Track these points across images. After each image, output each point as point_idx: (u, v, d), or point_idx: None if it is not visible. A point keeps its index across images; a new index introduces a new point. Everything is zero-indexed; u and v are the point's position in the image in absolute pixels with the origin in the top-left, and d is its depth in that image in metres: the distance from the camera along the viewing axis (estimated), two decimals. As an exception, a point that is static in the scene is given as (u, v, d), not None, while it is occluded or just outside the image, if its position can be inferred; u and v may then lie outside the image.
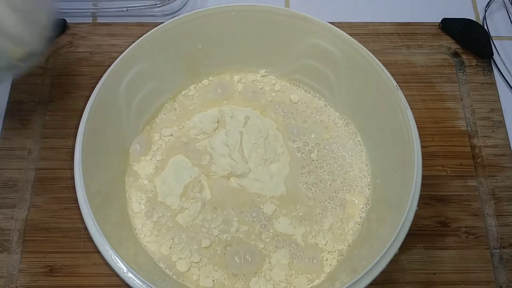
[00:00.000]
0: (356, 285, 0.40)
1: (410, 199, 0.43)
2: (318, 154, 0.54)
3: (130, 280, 0.40)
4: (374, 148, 0.53)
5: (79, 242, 0.51)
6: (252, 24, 0.53)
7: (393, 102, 0.47)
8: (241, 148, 0.53)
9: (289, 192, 0.52)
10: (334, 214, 0.51)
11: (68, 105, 0.58)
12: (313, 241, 0.50)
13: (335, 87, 0.54)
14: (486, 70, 0.61)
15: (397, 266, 0.51)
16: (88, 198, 0.43)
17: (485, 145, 0.57)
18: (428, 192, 0.54)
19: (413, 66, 0.61)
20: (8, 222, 0.52)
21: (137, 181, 0.52)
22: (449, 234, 0.53)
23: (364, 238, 0.48)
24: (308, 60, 0.54)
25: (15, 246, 0.51)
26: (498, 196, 0.55)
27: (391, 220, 0.44)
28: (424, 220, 0.53)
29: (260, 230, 0.50)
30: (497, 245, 0.52)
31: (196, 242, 0.49)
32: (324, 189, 0.52)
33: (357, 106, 0.53)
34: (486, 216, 0.54)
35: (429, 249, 0.52)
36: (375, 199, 0.51)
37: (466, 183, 0.55)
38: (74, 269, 0.50)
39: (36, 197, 0.53)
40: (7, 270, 0.50)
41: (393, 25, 0.64)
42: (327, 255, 0.49)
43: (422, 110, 0.58)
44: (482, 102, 0.60)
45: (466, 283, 0.51)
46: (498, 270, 0.51)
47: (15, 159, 0.55)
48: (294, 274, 0.48)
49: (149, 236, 0.50)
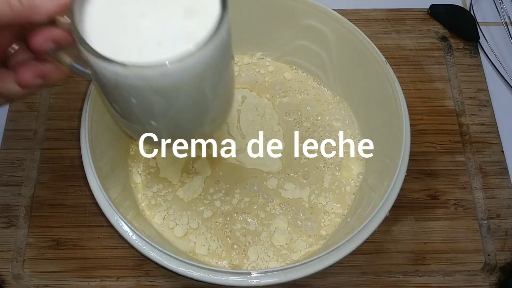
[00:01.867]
0: (349, 244, 0.42)
1: (400, 162, 0.45)
2: (312, 128, 0.56)
3: (135, 242, 0.42)
4: (366, 120, 0.55)
5: (84, 217, 0.53)
6: (247, 7, 0.55)
7: (382, 76, 0.49)
8: (239, 125, 0.55)
9: (284, 167, 0.54)
10: (330, 181, 0.54)
11: (71, 89, 0.60)
12: (316, 201, 0.53)
13: (327, 67, 0.56)
14: (473, 53, 0.64)
15: (389, 237, 0.53)
16: (96, 170, 0.45)
17: (472, 123, 0.60)
18: (418, 167, 0.56)
19: (402, 50, 0.64)
20: (16, 199, 0.54)
21: (139, 157, 0.54)
22: (438, 206, 0.55)
23: (358, 205, 0.51)
24: (302, 41, 0.56)
25: (22, 221, 0.53)
26: (485, 171, 0.57)
27: (387, 180, 0.46)
28: (415, 194, 0.55)
29: (263, 201, 0.53)
30: (484, 216, 0.55)
31: (197, 213, 0.52)
32: (320, 160, 0.55)
33: (349, 83, 0.56)
34: (474, 189, 0.56)
35: (420, 221, 0.54)
36: (367, 169, 0.54)
37: (454, 158, 0.58)
38: (79, 242, 0.52)
39: (41, 175, 0.56)
40: (15, 244, 0.52)
41: (383, 11, 0.66)
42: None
43: (412, 90, 0.61)
44: (469, 83, 0.62)
45: (456, 252, 0.53)
46: (486, 239, 0.54)
47: (21, 139, 0.57)
48: (293, 238, 0.51)
49: (148, 206, 0.52)
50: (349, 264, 0.52)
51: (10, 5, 0.31)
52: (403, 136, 0.46)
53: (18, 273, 0.51)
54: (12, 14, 0.31)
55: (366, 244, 0.44)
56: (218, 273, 0.42)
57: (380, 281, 0.51)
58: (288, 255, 0.50)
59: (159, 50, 0.34)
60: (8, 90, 0.35)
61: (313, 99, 0.58)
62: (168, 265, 0.42)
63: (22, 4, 0.31)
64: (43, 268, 0.51)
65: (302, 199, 0.53)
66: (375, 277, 0.52)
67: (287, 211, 0.52)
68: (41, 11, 0.32)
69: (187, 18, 0.35)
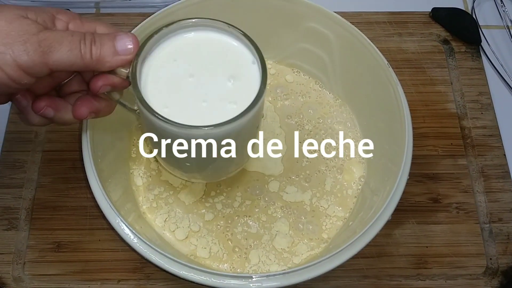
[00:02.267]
0: (350, 248, 0.42)
1: (403, 165, 0.45)
2: (314, 130, 0.56)
3: (136, 245, 0.42)
4: (368, 123, 0.55)
5: (85, 220, 0.53)
6: (250, 11, 0.55)
7: (384, 80, 0.49)
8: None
9: (286, 171, 0.54)
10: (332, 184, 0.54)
11: (73, 91, 0.60)
12: (317, 204, 0.52)
13: (329, 69, 0.56)
14: (475, 56, 0.64)
15: (391, 240, 0.53)
16: (97, 172, 0.45)
17: (474, 126, 0.60)
18: (420, 170, 0.56)
19: (404, 53, 0.64)
20: (16, 201, 0.54)
21: (141, 159, 0.54)
22: (440, 210, 0.55)
23: (360, 209, 0.51)
24: (304, 44, 0.56)
25: (23, 223, 0.53)
26: (487, 174, 0.57)
27: (389, 184, 0.46)
28: (417, 197, 0.55)
29: (264, 204, 0.52)
30: (486, 220, 0.55)
31: (199, 216, 0.52)
32: (321, 163, 0.55)
33: (350, 86, 0.56)
34: (476, 193, 0.56)
35: (422, 224, 0.54)
36: (369, 172, 0.53)
37: (456, 162, 0.57)
38: (80, 245, 0.52)
39: (42, 178, 0.55)
40: (16, 247, 0.52)
41: (385, 14, 0.66)
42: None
43: (414, 93, 0.61)
44: (471, 86, 0.62)
45: (458, 256, 0.53)
46: (488, 243, 0.54)
47: (22, 142, 0.57)
48: (295, 241, 0.51)
49: (149, 209, 0.52)
50: (350, 267, 0.51)
51: (81, 58, 0.35)
52: (405, 139, 0.46)
53: (18, 276, 0.51)
54: (81, 64, 0.36)
55: (368, 248, 0.43)
56: (220, 277, 0.41)
57: (382, 285, 0.51)
58: (290, 258, 0.50)
59: (202, 105, 0.40)
60: (61, 119, 0.39)
61: (314, 102, 0.58)
62: (169, 268, 0.42)
63: (92, 58, 0.36)
64: (44, 270, 0.51)
65: (304, 202, 0.53)
66: (377, 280, 0.51)
67: (288, 214, 0.52)
68: (106, 65, 0.37)
69: (230, 81, 0.41)
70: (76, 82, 0.41)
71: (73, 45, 0.35)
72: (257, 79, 0.40)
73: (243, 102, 0.39)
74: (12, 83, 0.34)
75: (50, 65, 0.34)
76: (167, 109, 0.39)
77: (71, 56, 0.35)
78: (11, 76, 0.34)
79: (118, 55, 0.37)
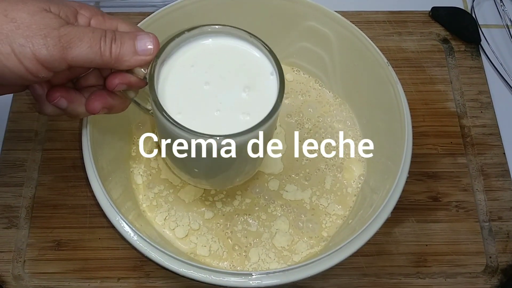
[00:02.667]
0: (350, 246, 0.42)
1: (402, 163, 0.45)
2: (314, 129, 0.56)
3: (136, 243, 0.42)
4: (367, 122, 0.55)
5: (85, 218, 0.53)
6: (250, 10, 0.55)
7: (384, 79, 0.49)
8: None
9: (286, 169, 0.54)
10: (332, 183, 0.54)
11: (73, 90, 0.60)
12: (317, 202, 0.52)
13: (329, 68, 0.56)
14: (474, 55, 0.64)
15: (390, 238, 0.53)
16: (97, 170, 0.45)
17: (474, 125, 0.60)
18: (420, 169, 0.56)
19: (404, 52, 0.64)
20: (16, 200, 0.54)
21: (141, 158, 0.54)
22: (440, 208, 0.55)
23: (359, 207, 0.51)
24: (304, 43, 0.56)
25: (23, 222, 0.53)
26: (486, 173, 0.57)
27: (389, 182, 0.46)
28: (416, 195, 0.55)
29: (264, 203, 0.52)
30: (486, 218, 0.55)
31: (199, 214, 0.52)
32: (321, 161, 0.55)
33: (350, 85, 0.56)
34: (476, 191, 0.56)
35: (421, 222, 0.54)
36: (369, 170, 0.53)
37: (456, 160, 0.58)
38: (80, 243, 0.52)
39: (43, 176, 0.55)
40: (16, 245, 0.52)
41: (385, 13, 0.66)
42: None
43: (414, 92, 0.61)
44: (470, 85, 0.62)
45: (458, 254, 0.53)
46: (487, 241, 0.54)
47: (22, 140, 0.57)
48: (295, 239, 0.51)
49: (149, 207, 0.52)
50: (350, 265, 0.52)
51: (101, 55, 0.35)
52: (405, 138, 0.46)
53: (18, 274, 0.51)
54: (100, 62, 0.35)
55: (368, 246, 0.44)
56: (219, 274, 0.41)
57: (381, 283, 0.51)
58: (289, 256, 0.50)
59: (215, 114, 0.40)
60: (74, 111, 0.39)
61: (314, 100, 0.58)
62: (169, 266, 0.42)
63: (111, 56, 0.36)
64: (44, 269, 0.51)
65: (304, 201, 0.53)
66: (376, 279, 0.51)
67: (288, 213, 0.52)
68: (125, 64, 0.37)
69: (245, 92, 0.41)
70: (93, 76, 0.40)
71: (93, 42, 0.35)
72: (274, 91, 0.40)
73: (257, 113, 0.39)
74: (30, 76, 0.34)
75: (68, 60, 0.34)
76: (180, 115, 0.39)
77: (90, 53, 0.34)
78: (29, 69, 0.33)
79: (138, 55, 0.37)
